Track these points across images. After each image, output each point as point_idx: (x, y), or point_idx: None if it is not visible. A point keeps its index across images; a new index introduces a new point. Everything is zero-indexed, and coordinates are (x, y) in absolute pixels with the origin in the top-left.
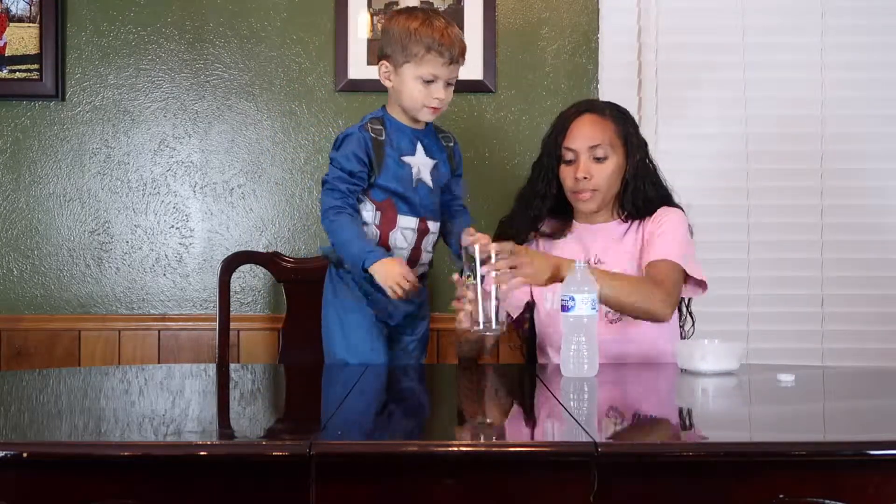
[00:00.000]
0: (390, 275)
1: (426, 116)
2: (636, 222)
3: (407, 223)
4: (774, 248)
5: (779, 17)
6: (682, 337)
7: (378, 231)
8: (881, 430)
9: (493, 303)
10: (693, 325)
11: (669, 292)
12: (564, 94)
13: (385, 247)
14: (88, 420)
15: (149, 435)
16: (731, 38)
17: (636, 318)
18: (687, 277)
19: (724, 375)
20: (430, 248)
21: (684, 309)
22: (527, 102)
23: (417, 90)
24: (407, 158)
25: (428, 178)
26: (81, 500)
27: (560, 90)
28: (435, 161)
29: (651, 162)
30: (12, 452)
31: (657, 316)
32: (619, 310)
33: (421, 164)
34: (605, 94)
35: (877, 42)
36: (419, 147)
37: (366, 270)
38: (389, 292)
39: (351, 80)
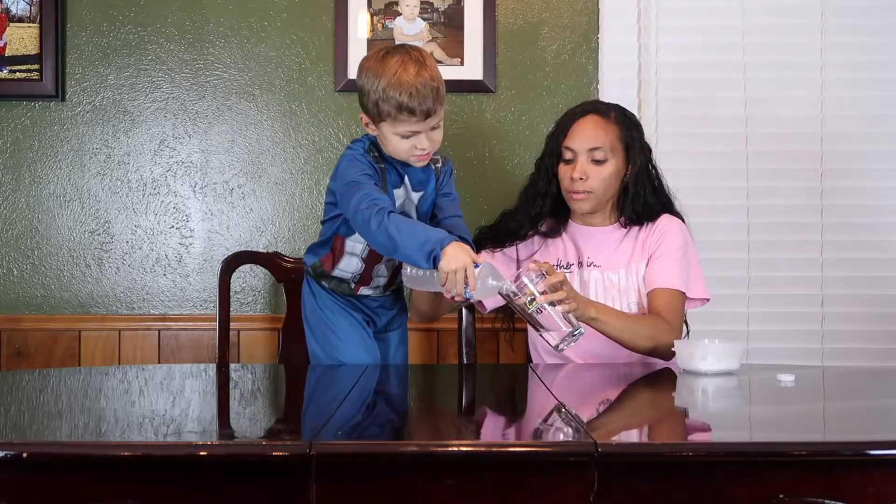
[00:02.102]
0: (456, 258)
1: (416, 164)
2: (635, 228)
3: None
4: (774, 248)
5: (779, 17)
6: None
7: (363, 265)
8: (881, 430)
9: (559, 311)
10: (688, 333)
11: (675, 327)
12: (564, 94)
13: (367, 279)
14: (88, 420)
15: (149, 435)
16: (731, 38)
17: (641, 353)
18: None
19: (724, 375)
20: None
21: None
22: (527, 102)
23: (399, 144)
24: (394, 191)
25: (412, 211)
26: (81, 500)
27: (560, 90)
28: (421, 193)
29: (654, 168)
30: (12, 452)
31: (664, 356)
32: (629, 348)
33: (406, 197)
34: (605, 94)
35: (877, 42)
36: (406, 181)
37: (435, 262)
38: (447, 280)
39: (351, 80)
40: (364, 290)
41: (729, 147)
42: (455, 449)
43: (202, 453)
